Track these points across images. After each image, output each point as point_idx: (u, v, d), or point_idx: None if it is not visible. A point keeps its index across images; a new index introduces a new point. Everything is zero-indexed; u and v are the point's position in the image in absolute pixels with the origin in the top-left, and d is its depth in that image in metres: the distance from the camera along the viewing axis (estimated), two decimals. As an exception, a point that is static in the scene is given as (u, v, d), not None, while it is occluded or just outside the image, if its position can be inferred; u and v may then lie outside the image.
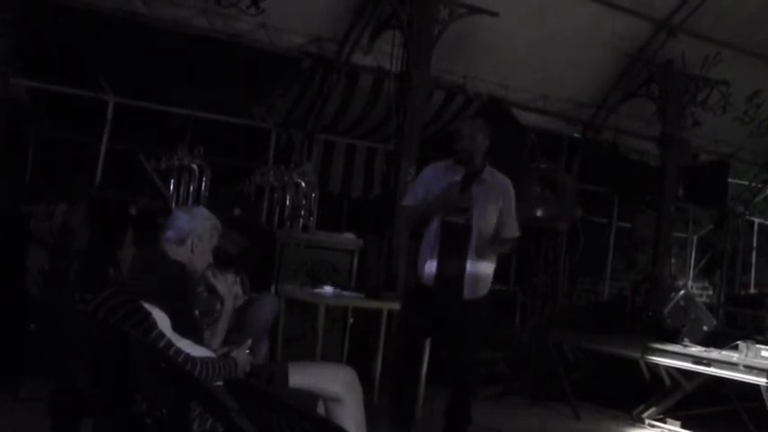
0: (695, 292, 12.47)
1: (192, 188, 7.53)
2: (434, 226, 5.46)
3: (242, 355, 3.55)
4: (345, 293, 6.99)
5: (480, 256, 5.45)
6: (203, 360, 3.37)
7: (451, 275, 5.42)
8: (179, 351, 3.30)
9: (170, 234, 3.84)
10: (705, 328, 8.49)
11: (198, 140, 7.78)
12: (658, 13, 9.72)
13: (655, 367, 7.20)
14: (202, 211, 4.06)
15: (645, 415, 7.30)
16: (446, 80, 9.12)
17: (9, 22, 7.05)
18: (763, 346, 6.73)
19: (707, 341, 7.97)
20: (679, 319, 8.40)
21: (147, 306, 3.33)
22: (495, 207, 5.48)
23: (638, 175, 11.20)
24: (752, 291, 13.29)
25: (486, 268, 5.55)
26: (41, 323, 5.67)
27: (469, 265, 5.42)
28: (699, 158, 11.83)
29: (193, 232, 3.84)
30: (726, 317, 11.83)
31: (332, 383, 3.90)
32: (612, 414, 7.51)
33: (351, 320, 7.55)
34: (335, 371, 4.08)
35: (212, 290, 4.09)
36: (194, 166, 7.55)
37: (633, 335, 8.66)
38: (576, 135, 10.71)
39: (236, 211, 7.65)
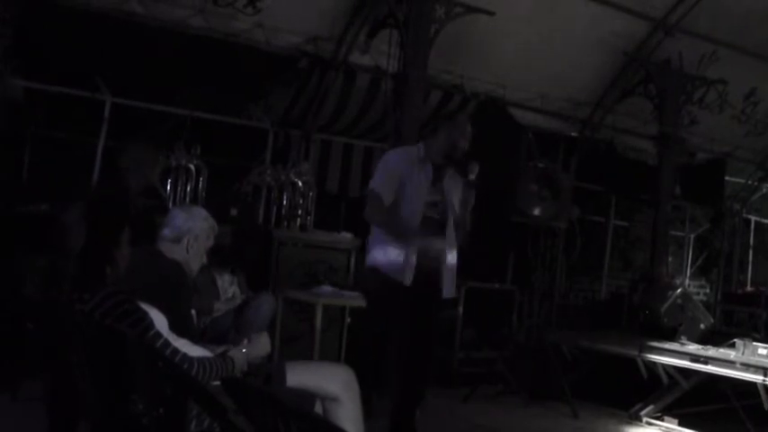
0: (692, 290, 12.47)
1: (189, 188, 7.53)
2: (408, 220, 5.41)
3: (239, 354, 3.55)
4: (343, 293, 6.99)
5: (453, 250, 5.46)
6: (200, 360, 3.37)
7: (431, 272, 5.40)
8: (176, 351, 3.30)
9: (166, 232, 3.84)
10: (702, 326, 8.49)
11: (195, 140, 7.79)
12: (655, 12, 9.73)
13: (652, 365, 7.21)
14: (200, 212, 4.06)
15: (643, 413, 7.32)
16: (443, 79, 9.12)
17: (6, 21, 7.05)
18: (759, 344, 6.75)
19: (704, 339, 8.00)
20: (676, 317, 8.40)
21: (144, 306, 3.33)
22: (457, 200, 5.47)
23: (635, 174, 11.20)
24: (748, 289, 13.31)
25: (455, 262, 5.53)
26: (38, 323, 5.67)
27: (449, 259, 5.43)
28: (696, 157, 11.85)
29: (190, 232, 3.85)
30: (723, 315, 11.87)
31: (329, 383, 3.91)
32: (610, 412, 7.52)
33: (348, 320, 7.56)
34: (333, 370, 4.08)
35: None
36: (191, 166, 7.55)
37: (631, 333, 8.67)
38: (573, 134, 10.71)
39: (233, 211, 7.66)
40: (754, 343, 6.82)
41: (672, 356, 7.07)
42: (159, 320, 3.37)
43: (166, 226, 3.88)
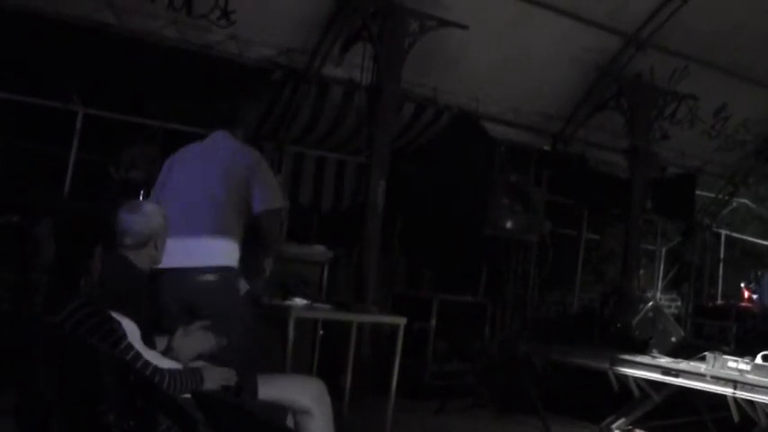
0: (663, 303, 12.56)
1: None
2: None
3: (211, 371, 3.51)
4: (316, 306, 6.96)
5: None
6: (171, 372, 3.35)
7: None
8: (147, 364, 3.27)
9: (128, 241, 3.74)
10: (673, 339, 8.54)
11: (168, 151, 7.74)
12: (627, 27, 9.82)
13: (623, 378, 7.24)
14: (151, 208, 3.96)
15: (614, 426, 7.35)
16: (416, 93, 9.14)
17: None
18: (729, 357, 6.80)
19: (675, 352, 8.03)
20: (647, 330, 8.44)
21: (117, 316, 3.29)
22: None
23: (606, 188, 11.27)
24: (719, 302, 13.41)
25: None
26: (8, 335, 5.61)
27: None
28: (667, 171, 11.94)
29: (153, 234, 3.78)
30: (693, 328, 11.94)
31: (301, 396, 3.89)
32: (582, 425, 7.53)
33: (321, 332, 7.53)
34: (305, 383, 4.07)
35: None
36: (163, 178, 7.50)
37: (602, 346, 8.70)
38: (545, 148, 10.77)
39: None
40: (725, 356, 6.86)
41: (643, 369, 7.10)
42: (132, 331, 3.34)
43: (126, 234, 3.77)
